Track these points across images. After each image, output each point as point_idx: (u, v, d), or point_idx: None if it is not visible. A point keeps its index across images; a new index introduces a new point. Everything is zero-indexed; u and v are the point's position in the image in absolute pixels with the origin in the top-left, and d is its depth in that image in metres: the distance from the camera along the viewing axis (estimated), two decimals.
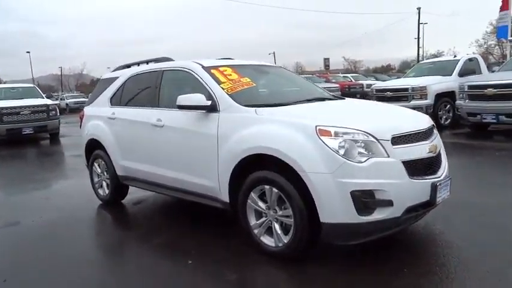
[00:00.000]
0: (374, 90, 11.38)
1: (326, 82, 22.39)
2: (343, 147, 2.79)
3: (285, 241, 3.04)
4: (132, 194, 5.23)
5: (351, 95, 17.27)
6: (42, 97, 13.23)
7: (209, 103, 3.53)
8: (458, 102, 8.99)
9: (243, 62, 4.43)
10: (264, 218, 3.21)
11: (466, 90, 8.60)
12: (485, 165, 6.28)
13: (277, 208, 3.10)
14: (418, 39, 42.56)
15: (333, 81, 23.66)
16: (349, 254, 3.19)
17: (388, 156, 2.83)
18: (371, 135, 2.83)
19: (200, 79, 3.79)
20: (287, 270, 3.03)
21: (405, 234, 3.46)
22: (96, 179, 5.25)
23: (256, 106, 3.37)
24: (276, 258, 3.12)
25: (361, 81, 24.65)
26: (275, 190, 3.05)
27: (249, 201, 3.25)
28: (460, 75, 10.30)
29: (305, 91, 4.30)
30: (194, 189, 3.79)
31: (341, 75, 29.19)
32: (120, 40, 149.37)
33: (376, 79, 25.84)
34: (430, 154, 3.10)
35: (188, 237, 3.81)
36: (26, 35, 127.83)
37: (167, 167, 4.05)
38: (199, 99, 3.53)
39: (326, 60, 43.09)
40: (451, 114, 10.12)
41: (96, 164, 5.20)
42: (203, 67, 3.90)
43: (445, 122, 10.19)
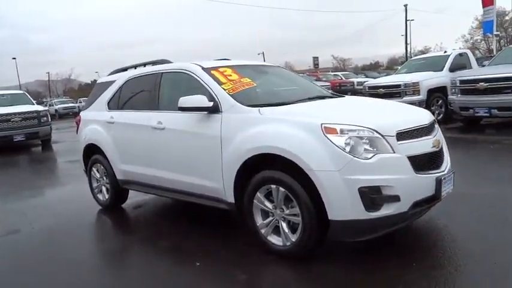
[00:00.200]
0: (367, 87, 11.44)
1: (317, 81, 22.44)
2: (349, 144, 2.80)
3: (293, 240, 3.05)
4: (132, 198, 5.20)
5: (342, 93, 17.27)
6: (32, 103, 13.06)
7: (211, 104, 3.52)
8: (450, 97, 9.08)
9: (242, 63, 4.43)
10: (271, 218, 3.21)
11: (458, 85, 8.68)
12: (481, 158, 6.36)
13: (284, 207, 3.10)
14: (406, 36, 43.01)
15: (324, 79, 23.76)
16: (354, 251, 3.21)
17: (394, 152, 2.85)
18: (376, 131, 2.85)
19: (201, 80, 3.78)
20: (295, 269, 3.04)
21: (410, 229, 3.49)
22: (95, 184, 5.20)
23: (258, 106, 3.37)
24: (283, 257, 3.13)
25: (351, 79, 24.86)
26: (282, 189, 3.05)
27: (255, 201, 3.25)
28: (451, 70, 10.39)
29: (305, 90, 4.31)
30: (197, 190, 3.78)
31: (331, 73, 29.40)
32: (107, 45, 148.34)
33: (366, 76, 26.09)
34: (434, 149, 3.13)
35: (192, 239, 3.79)
36: (10, 41, 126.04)
37: (169, 170, 4.03)
38: (201, 100, 3.51)
39: (315, 59, 43.21)
40: (443, 109, 10.22)
41: (94, 169, 5.15)
42: (203, 68, 3.89)
43: (438, 117, 10.25)
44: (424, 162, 3.02)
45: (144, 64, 4.83)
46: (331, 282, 2.82)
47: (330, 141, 2.81)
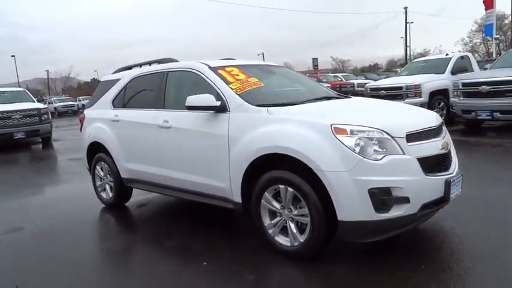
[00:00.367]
0: (368, 89, 11.44)
1: (317, 82, 22.43)
2: (358, 145, 2.80)
3: (301, 240, 3.04)
4: (135, 197, 5.19)
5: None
6: (33, 101, 13.02)
7: (218, 103, 3.51)
8: (452, 99, 9.09)
9: (248, 62, 4.42)
10: (279, 218, 3.20)
11: (461, 87, 8.70)
12: (483, 161, 6.37)
13: (292, 207, 3.09)
14: (406, 38, 43.11)
15: (324, 80, 23.78)
16: (361, 252, 3.21)
17: (404, 153, 2.84)
18: (386, 132, 2.85)
19: (208, 80, 3.77)
20: (302, 269, 3.03)
21: (416, 231, 3.48)
22: (98, 182, 5.18)
23: (266, 106, 3.36)
24: (290, 257, 3.12)
25: (351, 80, 24.86)
26: (290, 189, 3.04)
27: (263, 201, 3.24)
28: (453, 73, 10.41)
29: (311, 90, 4.30)
30: (203, 190, 3.77)
31: (331, 74, 29.42)
32: (106, 44, 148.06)
33: (366, 78, 26.07)
34: (443, 151, 3.13)
35: (198, 238, 3.78)
36: (8, 39, 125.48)
37: (175, 169, 4.01)
38: (209, 99, 3.50)
39: (315, 60, 43.29)
40: (445, 111, 10.23)
41: (98, 167, 5.13)
42: (210, 67, 3.88)
43: None
44: (433, 164, 3.02)
45: (150, 63, 4.81)
46: (338, 282, 2.82)
47: (340, 141, 2.81)
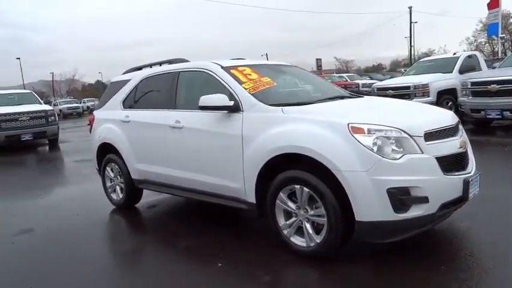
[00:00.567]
0: (375, 88, 11.38)
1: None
2: (376, 144, 2.76)
3: (318, 241, 3.00)
4: (145, 198, 5.17)
5: None
6: (40, 103, 13.07)
7: (232, 103, 3.49)
8: (461, 99, 9.02)
9: (260, 62, 4.40)
10: (294, 218, 3.17)
11: (469, 87, 8.63)
12: (495, 160, 6.30)
13: (308, 208, 3.06)
14: (410, 38, 42.95)
15: (329, 81, 23.62)
16: (377, 253, 3.16)
17: (422, 152, 2.80)
18: (404, 131, 2.81)
19: (220, 79, 3.74)
20: (319, 269, 3.00)
21: (434, 231, 3.44)
22: (109, 184, 5.17)
23: (280, 105, 3.33)
24: (306, 258, 3.09)
25: (356, 80, 24.78)
26: (306, 189, 3.01)
27: (278, 201, 3.21)
28: (461, 72, 10.34)
29: (324, 90, 4.27)
30: (216, 190, 3.74)
31: (336, 75, 29.34)
32: (111, 45, 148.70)
33: (371, 78, 25.98)
34: (461, 150, 3.09)
35: (210, 239, 3.74)
36: (13, 41, 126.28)
37: (187, 169, 3.99)
38: (222, 99, 3.48)
39: (318, 60, 43.24)
40: (453, 111, 10.14)
41: (108, 168, 5.12)
42: (222, 67, 3.86)
43: None
44: (452, 163, 2.98)
45: (160, 63, 4.80)
46: (355, 282, 2.78)
47: (357, 141, 2.77)
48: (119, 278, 3.27)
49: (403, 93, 10.33)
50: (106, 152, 5.09)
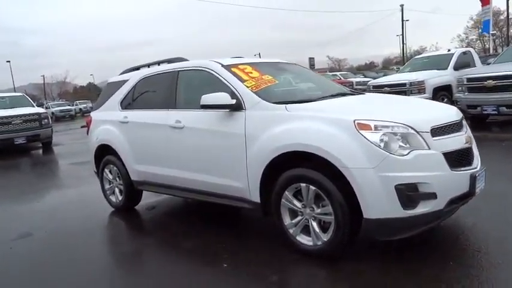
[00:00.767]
0: (371, 86, 11.38)
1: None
2: (383, 140, 2.73)
3: (325, 239, 2.97)
4: (145, 200, 5.10)
5: None
6: (32, 105, 12.93)
7: (234, 102, 3.44)
8: (457, 95, 9.04)
9: (260, 60, 4.36)
10: (300, 217, 3.13)
11: (465, 83, 8.64)
12: (493, 156, 6.29)
13: (314, 206, 3.02)
14: (403, 36, 43.17)
15: None
16: (383, 250, 3.13)
17: (429, 148, 2.78)
18: (411, 127, 2.78)
19: (221, 78, 3.70)
20: (326, 268, 2.96)
21: (439, 227, 3.42)
22: (107, 186, 5.10)
23: (283, 103, 3.29)
24: (312, 256, 3.05)
25: (350, 78, 24.83)
26: (312, 187, 2.97)
27: (283, 200, 3.17)
28: (455, 68, 10.38)
29: (326, 87, 4.24)
30: (219, 190, 3.69)
31: (330, 73, 29.37)
32: (102, 47, 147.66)
33: (364, 76, 26.08)
34: (466, 145, 3.07)
35: (213, 240, 3.70)
36: (2, 44, 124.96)
37: (188, 169, 3.94)
38: (224, 98, 3.43)
39: (311, 59, 43.11)
40: None
41: (107, 170, 5.04)
42: (223, 66, 3.81)
43: None
44: (458, 158, 2.96)
45: (159, 62, 4.74)
46: (363, 280, 2.74)
47: (364, 137, 2.74)
48: (119, 279, 3.23)
49: (399, 90, 10.33)
50: (104, 154, 5.02)
